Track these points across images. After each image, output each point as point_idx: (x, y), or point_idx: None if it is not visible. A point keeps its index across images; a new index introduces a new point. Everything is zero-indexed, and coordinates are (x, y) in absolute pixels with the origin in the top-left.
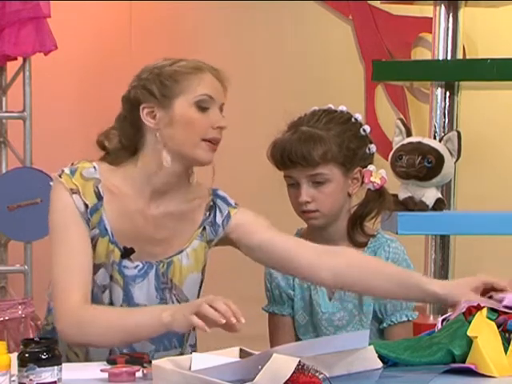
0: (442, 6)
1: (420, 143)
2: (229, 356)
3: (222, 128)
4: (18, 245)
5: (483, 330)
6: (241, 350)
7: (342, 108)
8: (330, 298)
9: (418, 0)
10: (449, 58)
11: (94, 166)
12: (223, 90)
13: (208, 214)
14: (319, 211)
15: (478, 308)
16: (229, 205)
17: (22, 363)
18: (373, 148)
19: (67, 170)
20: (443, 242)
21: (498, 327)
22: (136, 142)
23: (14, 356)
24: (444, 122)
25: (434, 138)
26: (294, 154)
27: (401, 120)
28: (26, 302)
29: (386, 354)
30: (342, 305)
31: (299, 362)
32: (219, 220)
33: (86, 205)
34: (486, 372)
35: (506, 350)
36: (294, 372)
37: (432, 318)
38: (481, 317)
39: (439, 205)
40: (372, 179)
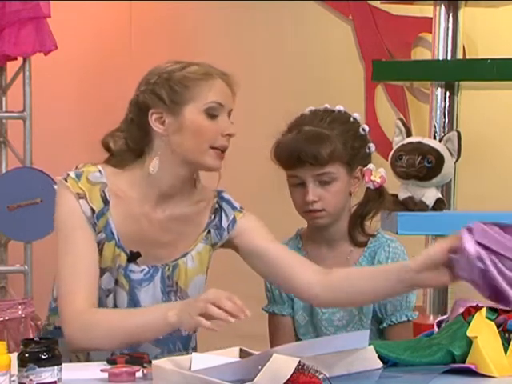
0: (442, 6)
1: (420, 143)
2: (229, 356)
3: (230, 135)
4: (18, 245)
5: (483, 330)
6: (241, 350)
7: (340, 108)
8: None
9: (417, 0)
10: (449, 58)
11: (99, 170)
12: (232, 95)
13: (213, 217)
14: (325, 210)
15: (477, 308)
16: (234, 208)
17: (22, 363)
18: (372, 147)
19: (73, 174)
20: None
21: (498, 327)
22: (143, 145)
23: (14, 356)
24: (444, 122)
25: (434, 137)
26: (303, 153)
27: (401, 120)
28: (26, 302)
29: (386, 354)
30: None
31: (299, 362)
32: (225, 224)
33: (93, 210)
34: (486, 372)
35: (506, 349)
36: (294, 372)
37: (432, 317)
38: (480, 317)
39: (439, 205)
40: (372, 178)
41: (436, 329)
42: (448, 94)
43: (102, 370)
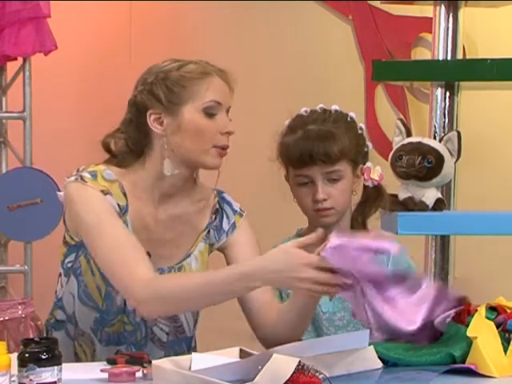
0: (442, 6)
1: (420, 143)
2: (229, 356)
3: (229, 133)
4: (18, 245)
5: (482, 330)
6: (241, 350)
7: (336, 107)
8: (331, 298)
9: (418, 0)
10: (449, 58)
11: (108, 169)
12: (230, 92)
13: (214, 217)
14: (334, 208)
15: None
16: (235, 212)
17: (22, 363)
18: (369, 145)
19: (87, 174)
20: (443, 242)
21: (498, 327)
22: (143, 146)
23: (14, 356)
24: (444, 122)
25: (434, 137)
26: (315, 152)
27: (401, 120)
28: (26, 302)
29: (386, 355)
30: (342, 304)
31: (299, 362)
32: (225, 226)
33: (119, 205)
34: (486, 372)
35: (506, 349)
36: (294, 372)
37: None
38: (480, 317)
39: (439, 205)
40: (371, 176)
41: None
42: (448, 94)
43: (102, 370)
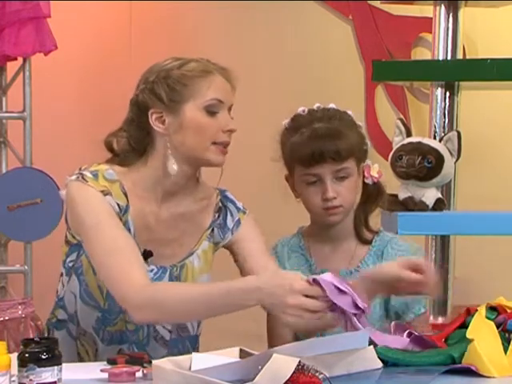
0: (442, 6)
1: (420, 143)
2: (229, 356)
3: (231, 131)
4: (18, 245)
5: (482, 330)
6: (241, 350)
7: (333, 106)
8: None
9: (417, 0)
10: (449, 58)
11: (110, 168)
12: (232, 90)
13: (217, 215)
14: (342, 206)
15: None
16: (238, 209)
17: (22, 363)
18: (369, 143)
19: (88, 174)
20: (443, 242)
21: (498, 327)
22: (145, 145)
23: (14, 356)
24: (444, 122)
25: (434, 137)
26: (326, 150)
27: (401, 120)
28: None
29: (386, 355)
30: None
31: (299, 362)
32: (230, 224)
33: (119, 205)
34: (485, 373)
35: (506, 349)
36: (294, 372)
37: (432, 318)
38: (480, 317)
39: (439, 205)
40: (371, 173)
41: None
42: (448, 94)
43: (102, 370)
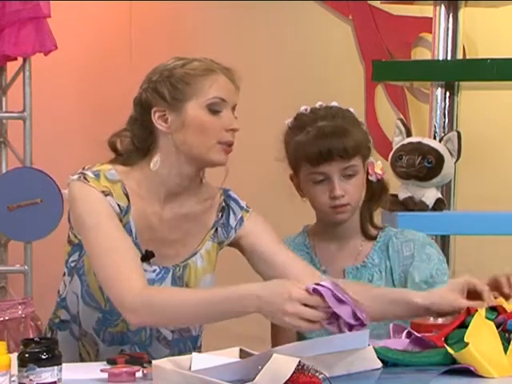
0: (442, 6)
1: (420, 143)
2: (229, 356)
3: (234, 130)
4: (18, 245)
5: (482, 331)
6: (241, 350)
7: (335, 104)
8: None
9: (417, 0)
10: (449, 58)
11: (113, 168)
12: (235, 90)
13: (220, 215)
14: (350, 204)
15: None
16: (241, 208)
17: (22, 363)
18: (371, 140)
19: (90, 174)
20: (443, 242)
21: (498, 327)
22: (148, 144)
23: (14, 356)
24: (444, 122)
25: (434, 138)
26: (333, 148)
27: (401, 120)
28: (26, 302)
29: (386, 355)
30: None
31: (299, 362)
32: (232, 222)
33: (119, 206)
34: (484, 374)
35: (506, 349)
36: (294, 372)
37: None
38: (479, 317)
39: (439, 205)
40: (375, 170)
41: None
42: (448, 94)
43: (102, 370)
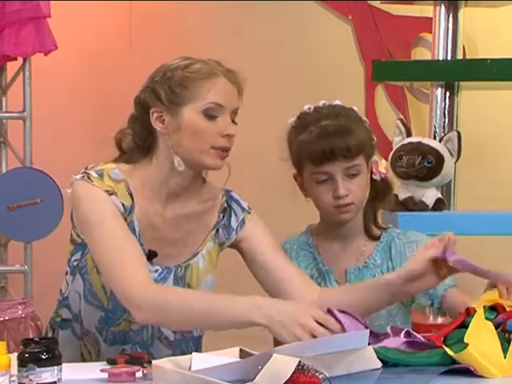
0: (442, 6)
1: (420, 143)
2: (229, 356)
3: (230, 136)
4: (18, 245)
5: (481, 331)
6: (241, 350)
7: (338, 102)
8: None
9: (417, 0)
10: (449, 58)
11: (116, 168)
12: (237, 93)
13: (222, 216)
14: (354, 204)
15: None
16: (243, 209)
17: (22, 363)
18: (375, 139)
19: (94, 173)
20: None
21: (497, 327)
22: (149, 143)
23: (14, 356)
24: (444, 122)
25: (434, 138)
26: (336, 147)
27: (401, 120)
28: (26, 302)
29: (385, 355)
30: None
31: (299, 362)
32: (234, 224)
33: (124, 205)
34: (484, 373)
35: (506, 349)
36: (294, 372)
37: (432, 318)
38: (479, 318)
39: (439, 205)
40: (379, 169)
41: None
42: (448, 94)
43: (102, 370)
